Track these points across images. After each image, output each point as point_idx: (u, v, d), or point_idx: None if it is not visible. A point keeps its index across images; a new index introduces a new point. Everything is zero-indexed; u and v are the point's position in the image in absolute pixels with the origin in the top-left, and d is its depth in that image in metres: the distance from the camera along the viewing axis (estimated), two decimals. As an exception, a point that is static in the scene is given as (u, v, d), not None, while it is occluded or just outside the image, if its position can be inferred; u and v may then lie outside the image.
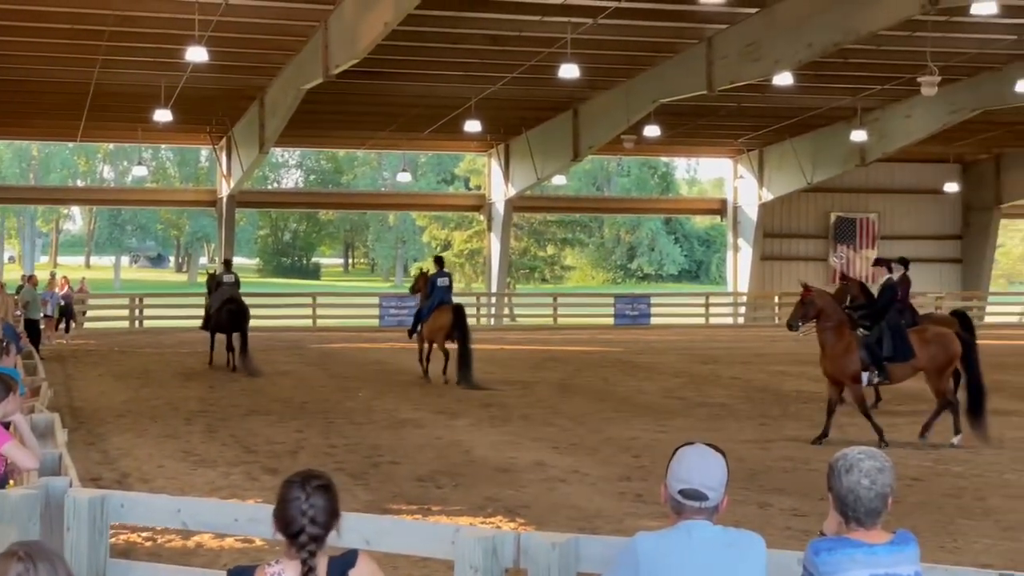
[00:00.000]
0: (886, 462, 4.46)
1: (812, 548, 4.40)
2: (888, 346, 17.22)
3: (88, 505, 6.33)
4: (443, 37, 30.21)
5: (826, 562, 4.33)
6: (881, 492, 4.38)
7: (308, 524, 4.21)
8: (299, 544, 4.22)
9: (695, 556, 4.40)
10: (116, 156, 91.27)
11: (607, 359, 31.06)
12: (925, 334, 17.72)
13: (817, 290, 18.45)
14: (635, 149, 44.90)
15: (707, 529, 4.46)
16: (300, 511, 4.22)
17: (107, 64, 31.53)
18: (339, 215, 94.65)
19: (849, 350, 17.37)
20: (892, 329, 17.33)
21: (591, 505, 12.87)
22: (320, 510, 4.24)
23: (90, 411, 20.22)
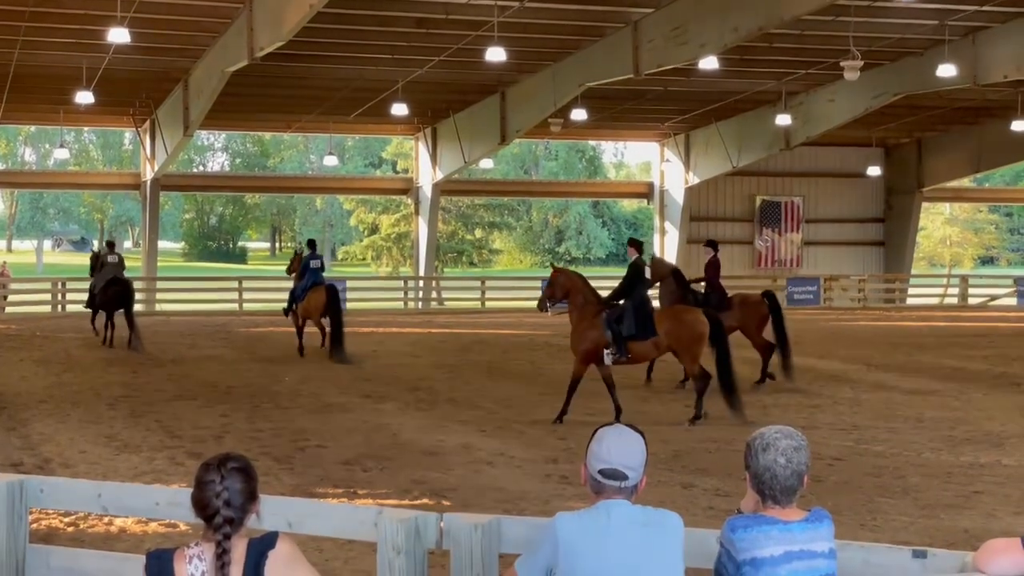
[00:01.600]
0: (802, 441, 4.53)
1: (729, 525, 4.47)
2: (629, 324, 17.45)
3: (6, 490, 6.28)
4: (369, 19, 30.05)
5: (742, 539, 4.40)
6: (797, 470, 4.45)
7: (223, 507, 4.21)
8: (214, 526, 4.21)
9: (614, 535, 4.45)
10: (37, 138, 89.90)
11: (535, 342, 31.12)
12: (671, 313, 18.22)
13: (563, 270, 19.13)
14: (562, 133, 45.01)
15: (626, 508, 4.51)
16: (215, 493, 4.22)
17: (27, 45, 31.02)
18: (266, 199, 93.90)
19: (590, 328, 17.69)
20: (636, 308, 17.57)
21: (517, 487, 12.92)
22: (235, 492, 4.23)
23: (11, 396, 19.94)
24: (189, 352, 27.83)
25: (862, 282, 49.27)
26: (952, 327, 37.49)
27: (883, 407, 19.44)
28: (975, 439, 16.32)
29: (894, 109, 40.31)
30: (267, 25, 26.71)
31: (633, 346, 17.62)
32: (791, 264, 49.48)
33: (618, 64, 31.82)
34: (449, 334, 33.36)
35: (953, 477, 13.66)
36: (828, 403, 19.93)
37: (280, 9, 25.68)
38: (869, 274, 50.00)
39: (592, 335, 17.70)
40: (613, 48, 32.02)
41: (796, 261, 49.59)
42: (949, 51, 31.89)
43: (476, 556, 5.36)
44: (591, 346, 17.74)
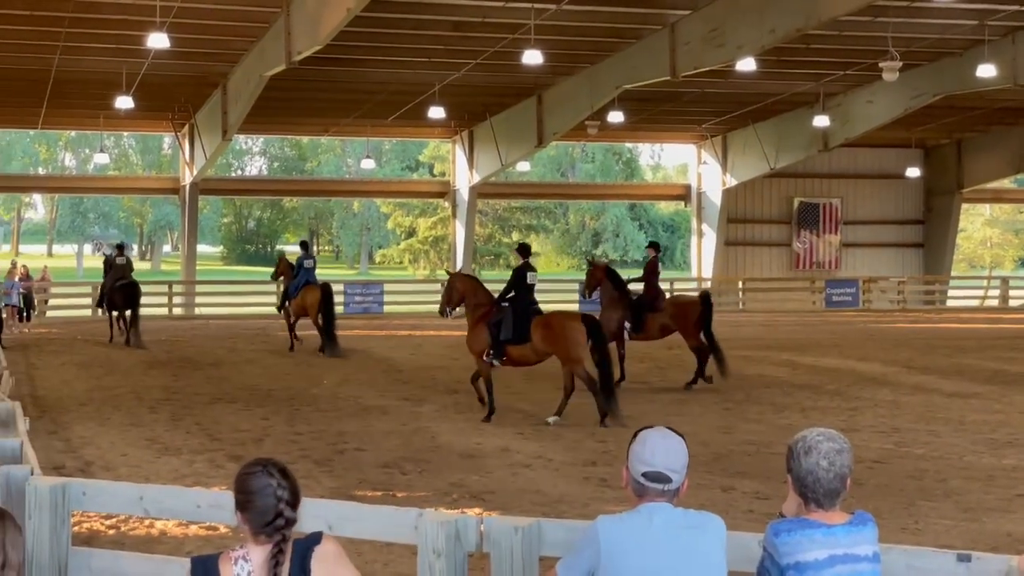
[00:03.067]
0: (844, 443, 4.50)
1: (772, 529, 4.44)
2: (507, 329, 17.78)
3: (49, 493, 6.32)
4: (406, 23, 30.13)
5: (785, 543, 4.37)
6: (840, 473, 4.42)
7: (285, 508, 4.24)
8: (276, 527, 4.23)
9: (656, 538, 4.43)
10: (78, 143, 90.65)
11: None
12: (547, 320, 18.10)
13: (458, 274, 19.79)
14: (599, 135, 44.95)
15: (668, 511, 4.49)
16: (276, 497, 4.24)
17: (68, 51, 31.28)
18: (303, 202, 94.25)
19: (477, 330, 18.23)
20: (515, 312, 17.87)
21: (556, 490, 12.91)
22: (291, 492, 4.28)
23: (52, 400, 20.10)
24: (228, 355, 27.96)
25: (901, 284, 48.96)
26: (993, 329, 37.20)
27: (924, 410, 19.31)
28: (1018, 442, 16.17)
29: (933, 110, 40.04)
30: (305, 29, 26.82)
31: (511, 350, 17.94)
32: (830, 266, 49.24)
33: (655, 66, 31.76)
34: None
35: (996, 480, 13.55)
36: (868, 405, 19.80)
37: (318, 13, 25.78)
38: (908, 276, 49.69)
39: (481, 337, 18.15)
40: (650, 50, 31.96)
41: (835, 263, 49.34)
42: (989, 51, 31.67)
43: (516, 559, 5.35)
44: (481, 347, 18.15)
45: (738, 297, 48.53)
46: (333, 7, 24.75)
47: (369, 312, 41.99)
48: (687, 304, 22.81)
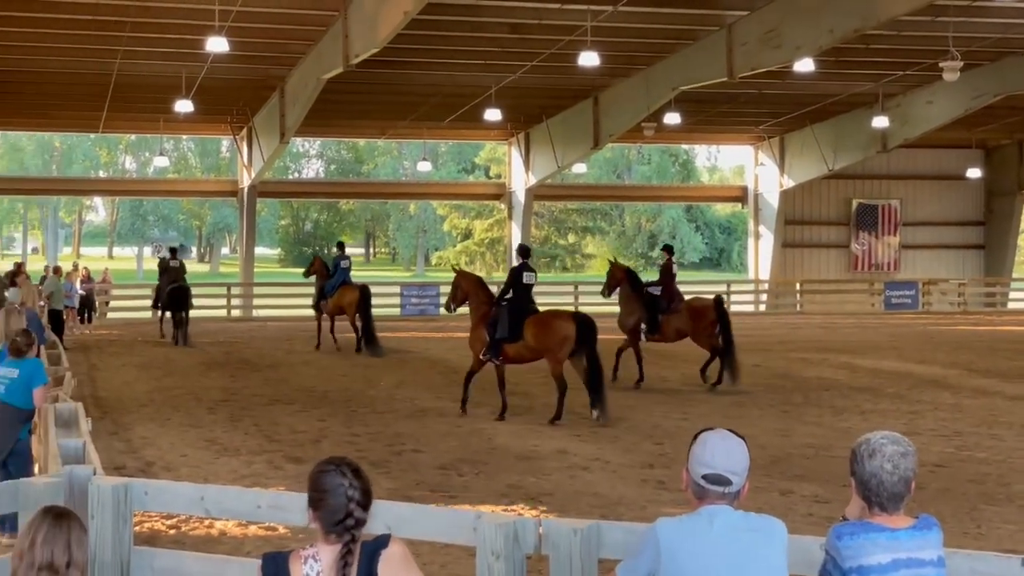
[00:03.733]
0: (909, 447, 4.45)
1: (834, 533, 4.40)
2: (502, 327, 18.25)
3: (112, 493, 6.38)
4: (463, 26, 30.20)
5: (848, 546, 4.32)
6: (904, 477, 4.37)
7: (356, 508, 4.25)
8: (345, 527, 4.25)
9: (717, 541, 4.40)
10: (138, 147, 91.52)
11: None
12: (539, 319, 18.44)
13: (462, 273, 20.23)
14: (655, 136, 44.81)
15: (729, 514, 4.46)
16: (347, 496, 4.25)
17: (128, 55, 31.60)
18: (360, 204, 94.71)
19: (477, 329, 18.83)
20: (510, 312, 18.31)
21: (613, 492, 12.88)
22: (363, 493, 4.29)
23: (113, 401, 20.31)
24: (286, 357, 28.14)
25: (962, 286, 48.42)
26: (1056, 332, 36.69)
27: (985, 413, 19.09)
28: (1082, 446, 15.95)
29: (994, 110, 39.57)
30: (362, 32, 26.95)
31: (507, 348, 18.35)
32: (888, 268, 48.79)
33: (712, 67, 31.61)
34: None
35: (1059, 485, 13.37)
36: (928, 409, 19.60)
37: (375, 16, 25.88)
38: (969, 278, 49.12)
39: (480, 335, 18.65)
40: (707, 51, 31.83)
41: (894, 265, 48.88)
42: (1051, 50, 31.28)
43: (575, 561, 5.34)
44: (480, 346, 18.66)
45: (796, 299, 48.23)
46: (390, 10, 24.84)
47: (426, 314, 42.08)
48: (701, 308, 22.86)
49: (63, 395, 11.03)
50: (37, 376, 10.76)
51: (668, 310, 22.55)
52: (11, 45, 31.44)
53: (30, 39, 30.79)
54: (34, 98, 38.62)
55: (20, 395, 10.64)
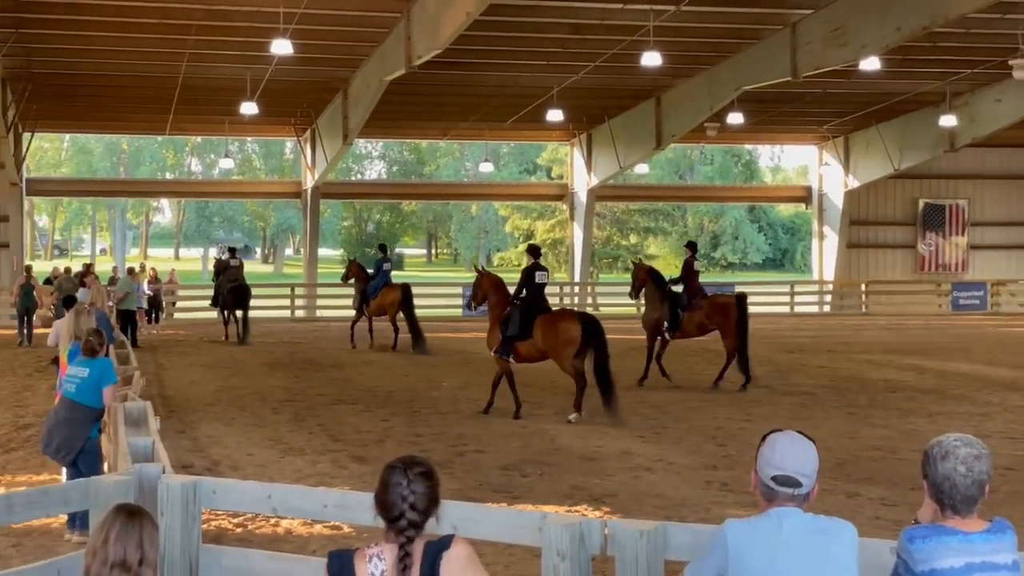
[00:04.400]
0: (983, 449, 4.39)
1: (906, 536, 4.35)
2: (514, 326, 18.67)
3: (181, 491, 6.44)
4: (525, 26, 30.22)
5: (920, 550, 4.27)
6: (978, 479, 4.32)
7: (408, 510, 4.25)
8: (398, 528, 4.25)
9: (786, 543, 4.36)
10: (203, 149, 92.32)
11: (691, 347, 30.78)
12: (547, 318, 18.75)
13: (483, 273, 20.50)
14: (718, 137, 44.57)
15: (798, 516, 4.42)
16: (401, 496, 4.25)
17: (194, 58, 31.92)
18: (422, 206, 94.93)
19: (492, 327, 19.30)
20: (521, 311, 18.73)
21: (677, 494, 12.83)
22: (420, 496, 4.27)
23: (180, 400, 20.52)
24: (349, 357, 28.28)
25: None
26: None
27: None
28: None
29: (1065, 108, 39.00)
30: (425, 34, 27.03)
31: (519, 346, 18.72)
32: (956, 268, 48.20)
33: (776, 67, 31.41)
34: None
35: None
36: (998, 411, 19.35)
37: (437, 18, 25.96)
38: (1040, 279, 48.41)
39: (496, 334, 19.11)
40: (770, 50, 31.63)
41: (961, 265, 48.28)
42: (1124, 47, 30.74)
43: (641, 563, 5.31)
44: (495, 343, 19.10)
45: (861, 300, 47.80)
46: (453, 11, 24.90)
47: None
48: (725, 305, 22.98)
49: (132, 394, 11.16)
50: (107, 375, 10.88)
51: (689, 306, 22.80)
52: (81, 49, 31.87)
53: (100, 43, 31.18)
54: (103, 101, 39.13)
55: (90, 394, 10.77)
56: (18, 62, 32.52)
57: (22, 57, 32.15)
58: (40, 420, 16.48)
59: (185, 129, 50.18)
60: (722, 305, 22.95)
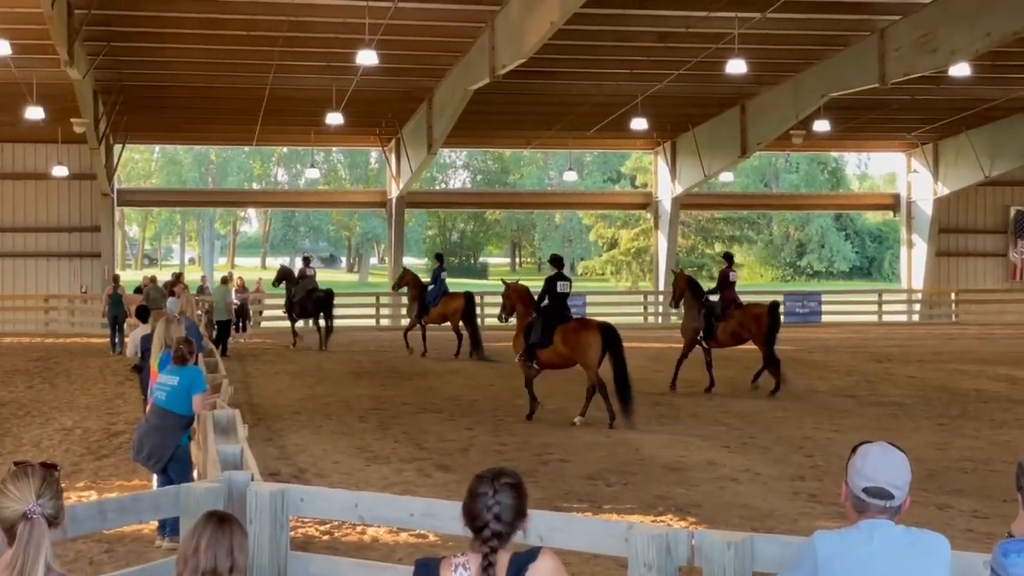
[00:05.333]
0: (1079, 461, 4.30)
1: (1001, 549, 4.26)
2: (536, 333, 19.31)
3: (269, 498, 6.50)
4: (609, 35, 30.18)
5: (1016, 564, 4.18)
6: (1074, 492, 4.23)
7: (492, 520, 4.25)
8: (482, 538, 4.25)
9: (877, 556, 4.30)
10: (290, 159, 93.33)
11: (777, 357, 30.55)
12: (569, 326, 19.28)
13: (511, 285, 21.15)
14: (804, 144, 44.16)
15: (890, 529, 4.35)
16: (486, 507, 4.26)
17: (281, 69, 32.28)
18: (505, 215, 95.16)
19: (518, 335, 19.98)
20: (543, 319, 19.32)
21: (764, 504, 12.71)
22: (506, 508, 4.27)
23: (268, 408, 20.73)
24: (434, 366, 28.39)
25: None
26: None
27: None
28: None
29: None
30: (509, 43, 27.10)
31: (540, 353, 19.37)
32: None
33: (863, 73, 31.08)
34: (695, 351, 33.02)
35: None
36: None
37: (521, 27, 26.02)
38: None
39: (520, 341, 19.82)
40: (858, 57, 31.30)
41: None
42: None
43: (729, 575, 5.27)
44: (520, 351, 19.81)
45: (951, 309, 47.08)
46: (537, 20, 24.94)
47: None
48: (757, 314, 23.24)
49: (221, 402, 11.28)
50: (196, 383, 11.02)
51: (723, 316, 23.19)
52: (170, 62, 32.37)
53: (188, 56, 31.66)
54: (192, 113, 39.70)
55: (180, 402, 10.91)
56: (109, 75, 33.12)
57: (113, 70, 32.74)
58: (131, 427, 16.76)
59: (272, 140, 50.75)
60: (754, 315, 23.21)
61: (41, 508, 3.92)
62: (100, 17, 27.19)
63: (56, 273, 41.25)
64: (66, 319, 40.81)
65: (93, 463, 15.33)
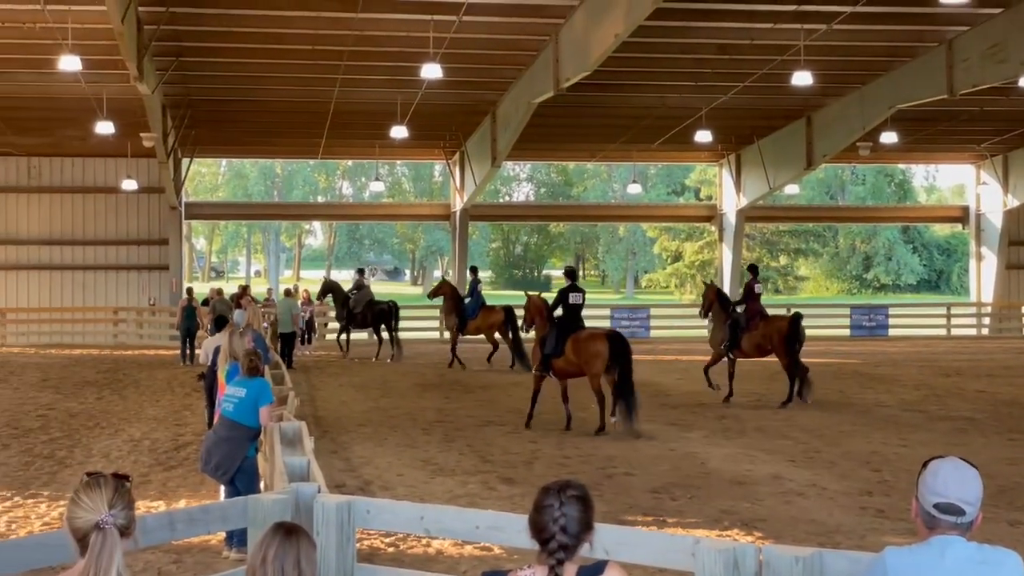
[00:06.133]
0: None
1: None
2: (550, 344, 19.90)
3: (336, 510, 6.54)
4: (673, 47, 30.10)
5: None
6: None
7: (559, 532, 4.24)
8: (549, 551, 4.25)
9: (948, 573, 4.25)
10: (354, 172, 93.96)
11: (844, 371, 30.34)
12: (578, 336, 19.75)
13: (532, 297, 21.68)
14: (871, 156, 43.77)
15: (961, 545, 4.30)
16: (552, 519, 4.26)
17: (346, 83, 32.49)
18: (569, 227, 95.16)
19: (535, 346, 20.56)
20: (557, 330, 19.91)
21: (831, 520, 12.59)
22: (572, 520, 4.26)
23: (333, 420, 20.85)
24: (498, 379, 28.42)
25: None
26: None
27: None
28: None
29: None
30: (573, 56, 27.10)
31: (555, 363, 19.91)
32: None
33: (931, 84, 30.78)
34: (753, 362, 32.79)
35: None
36: None
37: (585, 40, 26.01)
38: None
39: (537, 352, 20.44)
40: (925, 68, 31.00)
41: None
42: None
43: (797, 590, 5.23)
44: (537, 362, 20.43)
45: (1021, 323, 46.43)
46: (601, 33, 24.93)
47: (635, 336, 41.83)
48: (777, 325, 23.52)
49: (287, 414, 11.36)
50: (263, 395, 11.10)
51: (747, 327, 23.58)
52: (237, 76, 32.67)
53: (255, 70, 31.94)
54: (258, 127, 40.06)
55: (247, 413, 11.00)
56: (178, 90, 33.51)
57: (181, 85, 33.11)
58: (198, 439, 16.93)
59: (337, 153, 51.08)
60: (777, 327, 23.45)
61: (113, 518, 3.96)
62: (169, 33, 27.53)
63: (125, 286, 41.77)
64: (135, 331, 41.31)
65: (161, 474, 15.49)
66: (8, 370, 30.54)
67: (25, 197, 41.24)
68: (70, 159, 41.13)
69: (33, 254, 41.25)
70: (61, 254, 41.41)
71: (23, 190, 41.16)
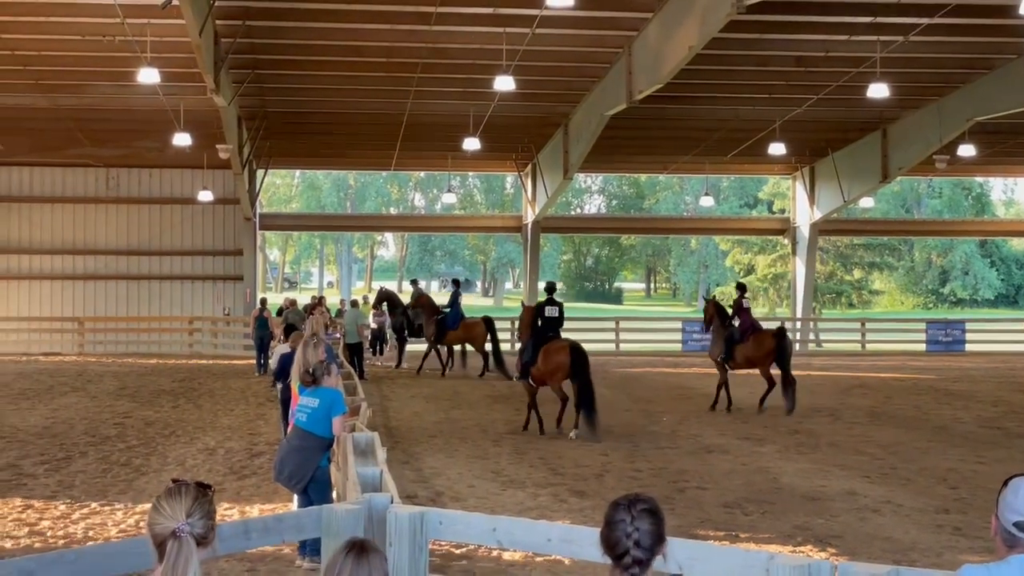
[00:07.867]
0: None
1: None
2: (528, 353, 21.22)
3: (409, 521, 6.55)
4: (747, 59, 29.97)
5: None
6: None
7: (632, 547, 4.23)
8: (623, 566, 4.24)
9: (1029, 593, 4.18)
10: (426, 184, 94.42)
11: (919, 386, 29.98)
12: (547, 348, 20.87)
13: (526, 307, 22.84)
14: (948, 169, 43.20)
15: (1041, 565, 4.24)
16: (625, 533, 4.24)
17: (419, 95, 32.67)
18: (641, 240, 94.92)
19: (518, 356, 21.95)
20: (533, 341, 21.19)
21: (907, 537, 12.44)
22: (645, 533, 4.24)
23: (404, 431, 20.93)
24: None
25: None
26: None
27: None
28: None
29: None
30: (646, 68, 27.06)
31: (532, 371, 21.00)
32: None
33: (1010, 96, 30.38)
34: (827, 377, 32.56)
35: None
36: None
37: (659, 52, 25.96)
38: None
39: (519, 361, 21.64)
40: (1005, 80, 30.61)
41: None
42: None
43: (872, 608, 5.17)
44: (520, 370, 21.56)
45: (1102, 338, 45.62)
46: (674, 45, 24.86)
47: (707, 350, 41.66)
48: (762, 339, 24.41)
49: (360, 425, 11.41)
50: (336, 405, 11.15)
51: (739, 341, 24.55)
52: (312, 88, 32.99)
53: (329, 83, 32.23)
54: (331, 139, 40.39)
55: (320, 424, 11.06)
56: (253, 101, 33.90)
57: (257, 97, 33.50)
58: (271, 448, 17.08)
59: (409, 165, 51.32)
60: (761, 338, 24.39)
61: (190, 527, 3.99)
62: (245, 46, 27.86)
63: (200, 296, 42.25)
64: (209, 340, 41.75)
65: (235, 483, 15.63)
66: (86, 379, 30.99)
67: (103, 208, 41.86)
68: (147, 170, 41.71)
69: (111, 264, 41.84)
70: (138, 264, 41.97)
71: (102, 201, 41.78)
